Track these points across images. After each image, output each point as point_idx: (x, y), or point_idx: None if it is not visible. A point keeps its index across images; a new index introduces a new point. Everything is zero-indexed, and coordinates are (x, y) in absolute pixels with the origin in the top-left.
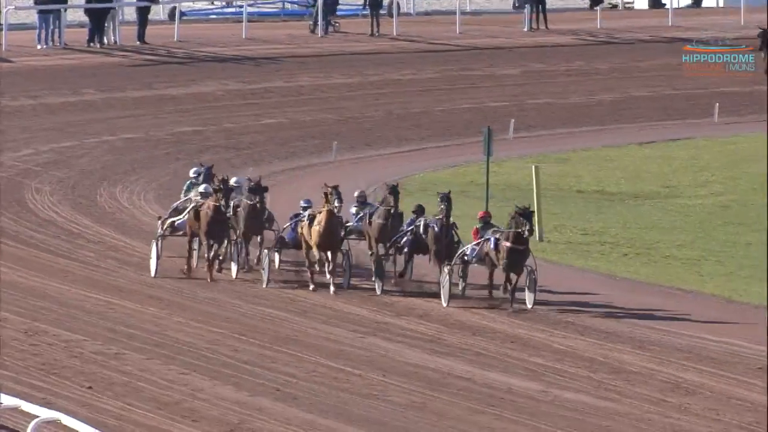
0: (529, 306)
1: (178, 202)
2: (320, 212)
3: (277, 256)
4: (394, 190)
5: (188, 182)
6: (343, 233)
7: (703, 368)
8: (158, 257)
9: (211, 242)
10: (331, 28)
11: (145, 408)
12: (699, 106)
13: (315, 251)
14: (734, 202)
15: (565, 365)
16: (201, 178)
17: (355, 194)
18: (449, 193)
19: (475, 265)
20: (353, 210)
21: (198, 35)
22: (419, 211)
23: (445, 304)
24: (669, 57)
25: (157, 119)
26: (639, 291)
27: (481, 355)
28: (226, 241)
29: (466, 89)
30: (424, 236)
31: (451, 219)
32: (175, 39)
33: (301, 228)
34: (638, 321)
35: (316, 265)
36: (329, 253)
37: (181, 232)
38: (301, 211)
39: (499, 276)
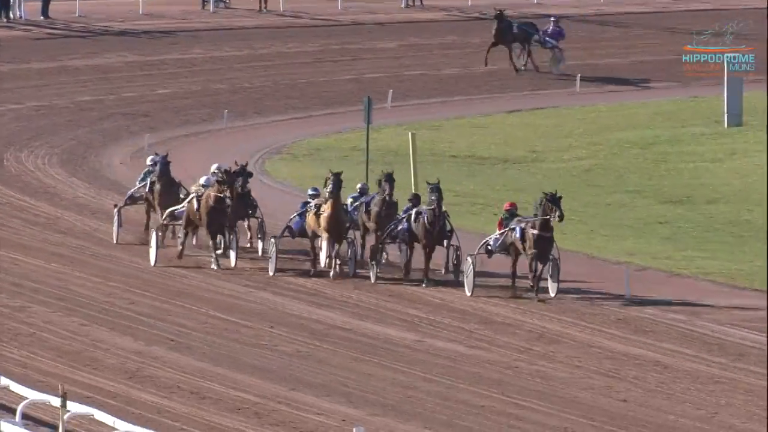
0: (552, 295)
1: (134, 189)
2: (326, 200)
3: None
4: (389, 178)
5: (145, 170)
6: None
7: (565, 319)
8: (158, 247)
9: (214, 233)
10: (222, 4)
11: (48, 357)
12: (562, 78)
13: (324, 238)
14: (595, 166)
15: (439, 317)
16: (158, 166)
17: (357, 186)
18: (438, 183)
19: (500, 254)
20: (349, 200)
21: (98, 11)
22: (415, 200)
23: (469, 294)
24: None
25: (60, 89)
26: None
27: (360, 307)
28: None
29: (347, 61)
30: (415, 224)
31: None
32: (77, 14)
33: (309, 217)
34: (507, 275)
35: (322, 257)
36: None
37: (179, 221)
38: (309, 200)
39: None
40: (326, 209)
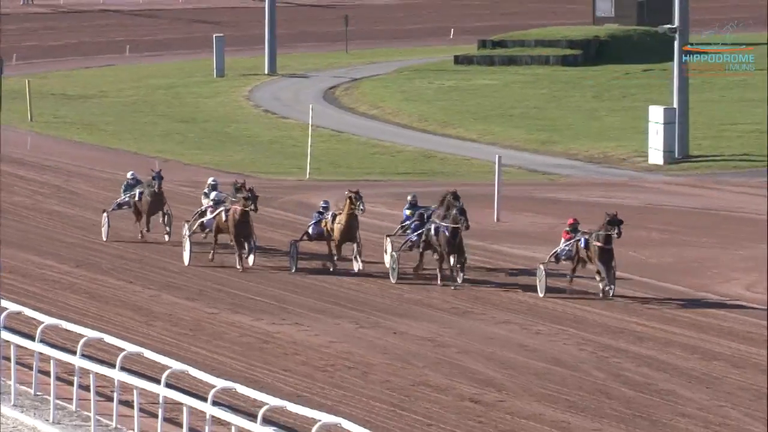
0: (611, 294)
1: (120, 199)
2: (340, 212)
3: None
4: (455, 196)
5: (125, 182)
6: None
7: None
8: (191, 251)
9: (240, 240)
10: None
11: None
12: (116, 47)
13: (335, 243)
14: (138, 100)
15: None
16: (155, 182)
17: (408, 198)
18: (462, 204)
19: (564, 261)
20: (407, 212)
21: None
22: (421, 217)
23: (541, 295)
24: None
25: None
26: (86, 149)
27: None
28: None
29: None
30: (435, 237)
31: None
32: None
33: (325, 224)
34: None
35: (335, 255)
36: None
37: (207, 230)
38: (322, 210)
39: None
40: (341, 221)
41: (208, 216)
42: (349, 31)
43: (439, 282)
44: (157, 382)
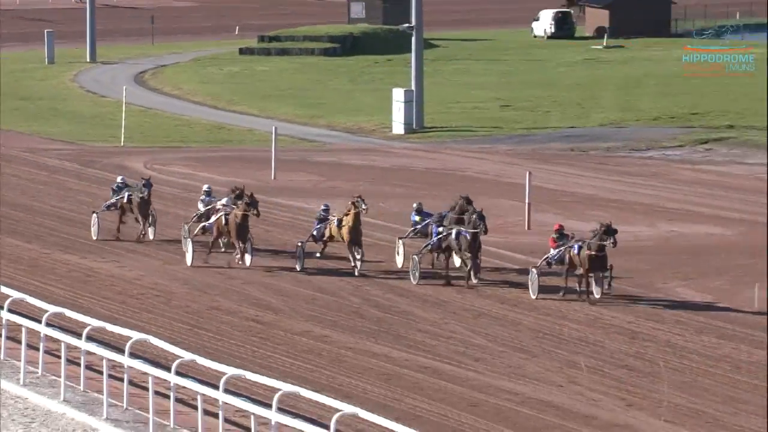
0: (597, 296)
1: (108, 201)
2: (347, 215)
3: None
4: (468, 200)
5: (114, 186)
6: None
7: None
8: (193, 251)
9: (239, 241)
10: None
11: None
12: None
13: (347, 244)
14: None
15: None
16: (146, 189)
17: (414, 205)
18: (482, 210)
19: (556, 267)
20: (416, 218)
21: None
22: (441, 220)
23: (534, 297)
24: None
25: None
26: None
27: None
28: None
29: None
30: (456, 242)
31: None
32: None
33: (329, 227)
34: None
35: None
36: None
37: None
38: (323, 214)
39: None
40: (348, 222)
41: (212, 219)
42: (155, 27)
43: (467, 284)
44: (1, 308)
